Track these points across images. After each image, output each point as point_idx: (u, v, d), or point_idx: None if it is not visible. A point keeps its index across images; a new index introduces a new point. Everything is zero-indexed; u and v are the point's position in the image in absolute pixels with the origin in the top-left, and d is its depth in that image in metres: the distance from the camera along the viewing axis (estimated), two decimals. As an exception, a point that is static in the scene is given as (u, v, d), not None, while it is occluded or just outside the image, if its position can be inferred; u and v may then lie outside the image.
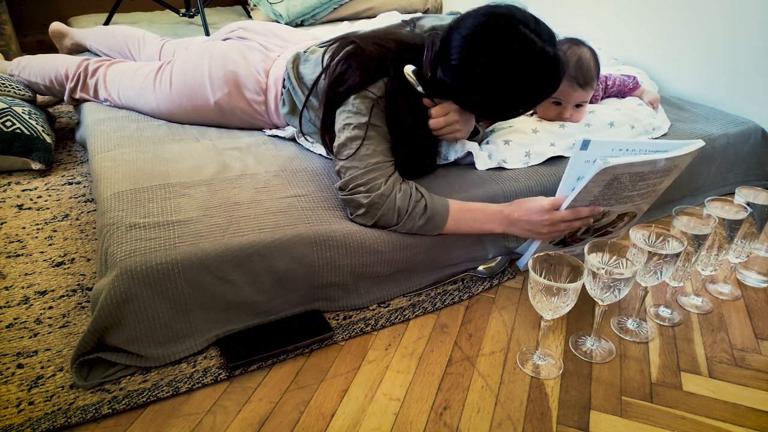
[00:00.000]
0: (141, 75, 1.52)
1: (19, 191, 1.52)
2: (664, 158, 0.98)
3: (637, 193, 1.05)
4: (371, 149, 1.09)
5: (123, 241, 0.98)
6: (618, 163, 0.94)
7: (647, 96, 1.53)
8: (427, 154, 1.23)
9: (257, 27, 1.56)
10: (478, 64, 1.03)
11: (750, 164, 1.59)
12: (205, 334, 1.00)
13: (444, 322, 1.09)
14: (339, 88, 1.12)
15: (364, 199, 1.06)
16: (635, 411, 0.91)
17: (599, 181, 0.98)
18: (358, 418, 0.88)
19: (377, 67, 1.10)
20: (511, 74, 1.02)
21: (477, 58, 1.03)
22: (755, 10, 1.58)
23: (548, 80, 1.06)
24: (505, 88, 1.04)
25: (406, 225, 1.08)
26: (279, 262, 1.02)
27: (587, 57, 1.31)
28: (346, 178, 1.09)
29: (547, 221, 1.06)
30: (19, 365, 0.96)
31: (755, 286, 1.22)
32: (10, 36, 2.58)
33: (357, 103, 1.10)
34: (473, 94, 1.07)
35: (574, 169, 1.03)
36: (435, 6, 2.86)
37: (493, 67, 1.02)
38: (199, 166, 1.24)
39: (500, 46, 1.01)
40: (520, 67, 1.02)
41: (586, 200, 1.03)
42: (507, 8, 1.03)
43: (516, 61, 1.01)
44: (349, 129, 1.10)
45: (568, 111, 1.35)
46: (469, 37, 1.03)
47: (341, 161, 1.10)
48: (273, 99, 1.39)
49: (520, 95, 1.07)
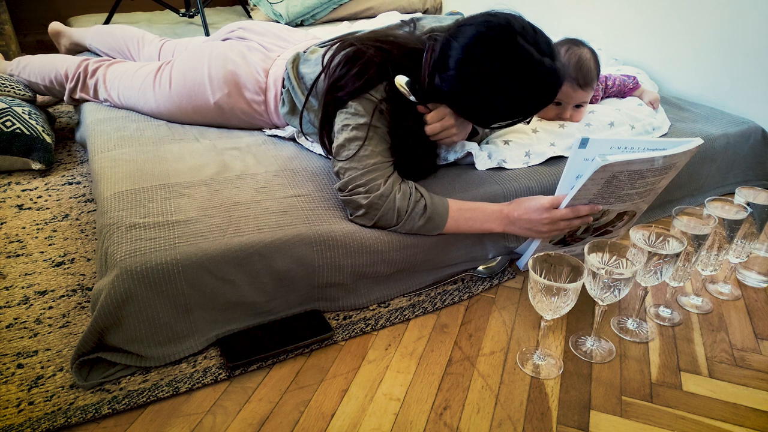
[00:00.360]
0: (141, 75, 1.52)
1: (19, 191, 1.52)
2: (662, 156, 0.98)
3: (636, 192, 1.05)
4: (370, 150, 1.08)
5: (123, 241, 0.98)
6: (616, 160, 0.95)
7: (647, 96, 1.54)
8: (427, 156, 1.23)
9: (257, 27, 1.56)
10: (475, 75, 1.03)
11: (750, 164, 1.59)
12: (205, 334, 1.00)
13: (444, 322, 1.09)
14: (338, 92, 1.11)
15: (363, 199, 1.06)
16: (635, 411, 0.91)
17: (598, 179, 0.98)
18: (358, 418, 0.88)
19: (377, 72, 1.09)
20: (509, 86, 1.02)
21: (474, 71, 1.03)
22: (755, 11, 1.58)
23: (545, 91, 1.06)
24: (503, 99, 1.04)
25: (406, 225, 1.08)
26: (279, 262, 1.02)
27: (587, 57, 1.31)
28: (345, 179, 1.09)
29: (546, 220, 1.06)
30: (19, 365, 0.96)
31: (755, 286, 1.22)
32: (10, 36, 2.58)
33: (356, 104, 1.09)
34: (470, 104, 1.07)
35: (573, 167, 1.03)
36: (435, 6, 2.86)
37: (490, 80, 1.02)
38: (199, 166, 1.24)
39: (497, 59, 1.01)
40: (517, 80, 1.02)
41: (585, 199, 1.03)
42: (505, 18, 1.03)
43: (513, 74, 1.01)
44: (348, 130, 1.09)
45: (568, 111, 1.35)
46: (466, 47, 1.02)
47: (340, 162, 1.10)
48: (273, 99, 1.39)
49: (517, 106, 1.07)
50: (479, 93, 1.04)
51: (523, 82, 1.02)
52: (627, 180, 1.01)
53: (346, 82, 1.10)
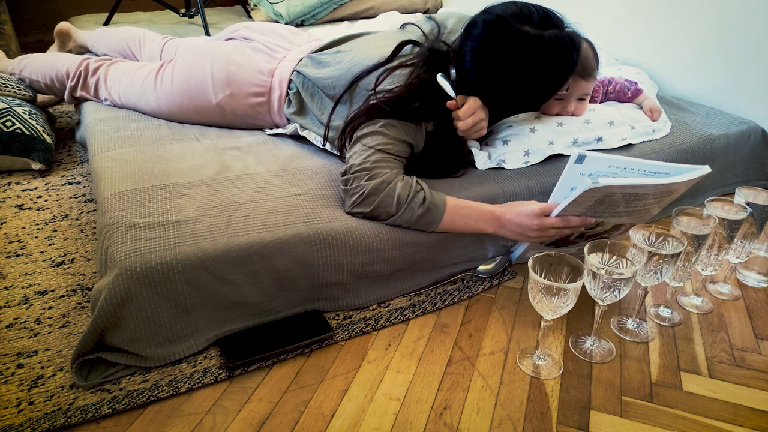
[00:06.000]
0: (142, 74, 1.52)
1: (19, 191, 1.52)
2: (659, 184, 0.95)
3: (633, 209, 1.02)
4: (387, 145, 1.12)
5: (123, 241, 0.98)
6: (607, 184, 0.91)
7: (647, 103, 1.50)
8: (458, 152, 1.29)
9: (262, 27, 1.56)
10: (494, 72, 1.13)
11: (750, 164, 1.59)
12: (205, 334, 1.00)
13: (444, 322, 1.09)
14: (394, 115, 1.15)
15: (365, 183, 1.08)
16: (635, 411, 0.91)
17: (589, 197, 0.95)
18: (358, 418, 0.88)
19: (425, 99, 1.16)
20: (526, 71, 1.11)
21: (491, 68, 1.13)
22: (755, 10, 1.58)
23: (564, 61, 1.13)
24: (527, 86, 1.15)
25: (405, 215, 1.08)
26: (279, 261, 1.02)
27: (585, 48, 1.30)
28: (353, 162, 1.11)
29: (536, 226, 1.05)
30: (19, 365, 0.96)
31: (755, 286, 1.22)
32: (10, 36, 2.58)
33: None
34: (498, 102, 1.19)
35: (567, 179, 1.01)
36: (435, 6, 2.86)
37: (507, 71, 1.12)
38: (200, 166, 1.24)
39: (506, 52, 1.10)
40: (531, 63, 1.10)
41: (577, 211, 1.01)
42: (500, 8, 1.12)
43: (525, 59, 1.10)
44: (377, 125, 1.14)
45: (572, 104, 1.34)
46: (476, 51, 1.12)
47: (357, 146, 1.13)
48: (277, 100, 1.39)
49: (542, 85, 1.16)
50: (504, 85, 1.15)
51: (538, 61, 1.10)
52: (622, 199, 0.98)
53: (404, 107, 1.16)
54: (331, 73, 1.29)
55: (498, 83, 1.14)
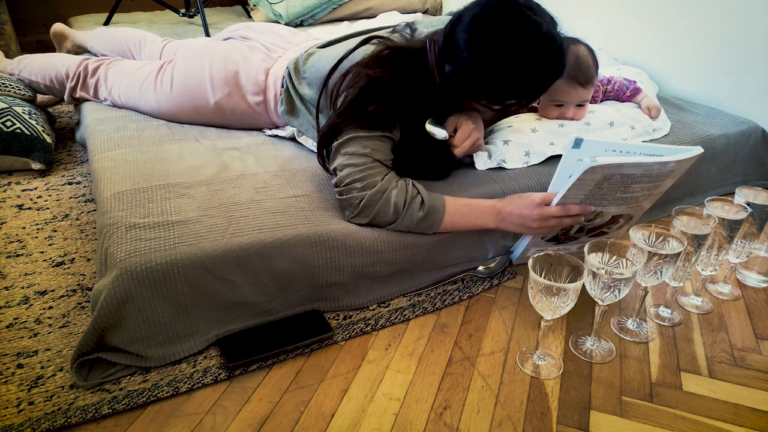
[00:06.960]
0: (141, 74, 1.52)
1: (19, 191, 1.52)
2: (655, 162, 0.97)
3: (630, 196, 1.04)
4: (370, 149, 1.09)
5: (123, 241, 0.98)
6: (605, 163, 0.93)
7: (646, 102, 1.50)
8: (444, 157, 1.25)
9: (261, 27, 1.57)
10: (484, 49, 1.04)
11: (750, 164, 1.59)
12: (205, 334, 1.00)
13: (444, 322, 1.09)
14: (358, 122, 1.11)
15: (359, 196, 1.07)
16: (635, 411, 0.91)
17: (588, 180, 0.97)
18: (358, 418, 0.88)
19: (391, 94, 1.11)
20: (519, 55, 1.04)
21: (482, 42, 1.04)
22: (755, 10, 1.58)
23: (554, 61, 1.08)
24: (514, 69, 1.05)
25: (404, 221, 1.08)
26: (279, 262, 1.02)
27: (585, 55, 1.30)
28: (342, 174, 1.09)
29: (537, 216, 1.06)
30: (19, 365, 0.96)
31: (755, 286, 1.22)
32: (10, 36, 2.58)
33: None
34: (482, 80, 1.08)
35: (565, 166, 1.02)
36: (435, 6, 2.86)
37: (499, 49, 1.04)
38: (199, 166, 1.24)
39: (504, 28, 1.03)
40: (528, 48, 1.04)
41: (576, 198, 1.03)
42: None
43: (523, 42, 1.03)
44: (356, 130, 1.10)
45: (571, 111, 1.34)
46: (473, 25, 1.05)
47: (339, 158, 1.10)
48: (272, 99, 1.39)
49: (528, 77, 1.08)
50: (491, 65, 1.05)
51: (534, 50, 1.04)
52: (620, 183, 0.99)
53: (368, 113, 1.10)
54: (308, 75, 1.28)
55: (489, 66, 1.05)
